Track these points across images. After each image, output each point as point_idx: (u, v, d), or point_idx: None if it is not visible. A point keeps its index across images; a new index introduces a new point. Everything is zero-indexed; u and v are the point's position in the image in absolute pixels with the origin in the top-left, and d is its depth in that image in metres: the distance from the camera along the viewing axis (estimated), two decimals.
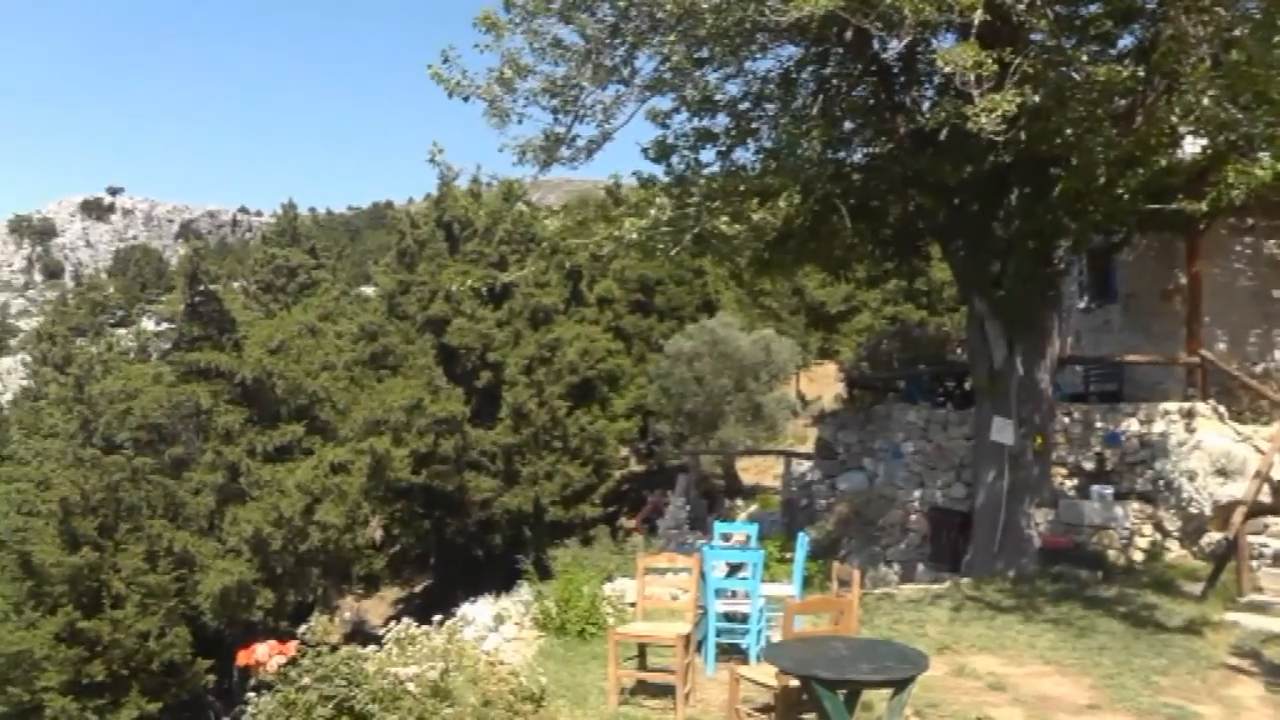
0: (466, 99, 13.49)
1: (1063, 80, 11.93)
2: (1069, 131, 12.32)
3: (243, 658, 6.26)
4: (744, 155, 14.88)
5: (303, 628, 6.60)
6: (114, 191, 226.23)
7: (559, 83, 13.69)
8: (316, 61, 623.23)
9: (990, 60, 10.51)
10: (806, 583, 11.31)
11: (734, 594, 10.30)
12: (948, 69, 10.74)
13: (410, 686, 6.63)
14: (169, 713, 29.33)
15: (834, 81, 14.98)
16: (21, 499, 30.48)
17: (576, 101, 13.88)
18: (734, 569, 10.86)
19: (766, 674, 7.24)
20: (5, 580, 29.39)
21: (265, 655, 6.19)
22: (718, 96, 14.22)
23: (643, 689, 8.93)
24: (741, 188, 13.65)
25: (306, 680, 6.08)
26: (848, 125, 14.86)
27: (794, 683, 6.70)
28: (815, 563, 13.87)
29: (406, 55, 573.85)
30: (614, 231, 13.39)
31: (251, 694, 6.32)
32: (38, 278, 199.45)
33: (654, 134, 14.87)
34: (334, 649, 6.55)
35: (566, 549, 23.87)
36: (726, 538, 12.42)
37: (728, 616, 10.01)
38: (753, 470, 37.13)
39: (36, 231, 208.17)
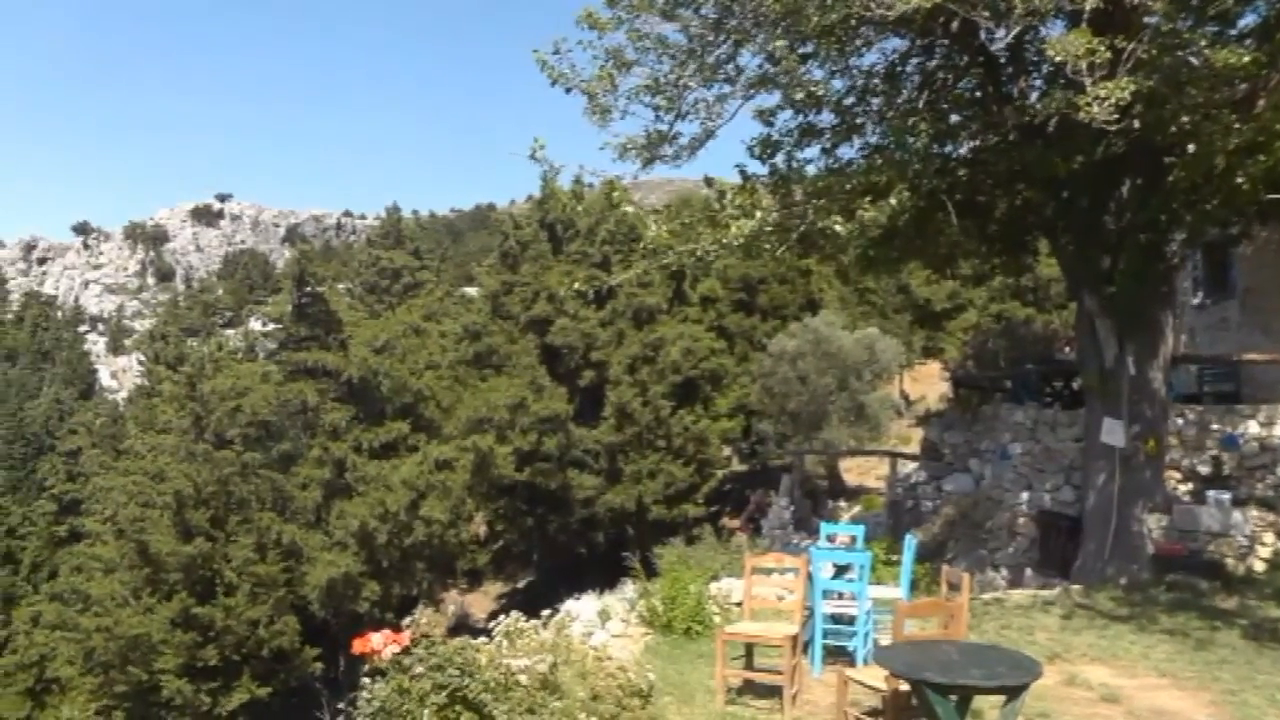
0: (569, 91, 13.49)
1: (1179, 65, 11.38)
2: (1185, 119, 11.86)
3: (358, 646, 6.35)
4: (848, 152, 14.72)
5: (407, 620, 6.68)
6: (222, 198, 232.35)
7: (662, 80, 13.65)
8: (418, 65, 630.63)
9: (1102, 47, 10.22)
10: (913, 586, 11.17)
11: (841, 596, 10.19)
12: (1058, 57, 10.49)
13: (521, 678, 6.67)
14: (277, 698, 30.06)
15: (940, 74, 14.73)
16: (138, 490, 31.38)
17: (679, 99, 13.82)
18: (840, 570, 10.74)
19: (875, 677, 7.17)
20: (124, 567, 30.51)
21: (380, 644, 6.28)
22: (822, 93, 14.03)
23: (749, 689, 8.87)
24: (847, 186, 13.49)
25: (420, 669, 6.15)
26: (954, 119, 14.53)
27: (904, 687, 6.62)
28: (922, 566, 13.69)
29: (508, 57, 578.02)
30: (720, 236, 13.30)
31: (366, 680, 6.42)
32: (150, 281, 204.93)
33: (757, 132, 14.78)
34: (444, 641, 6.62)
35: (671, 547, 23.79)
36: (832, 539, 12.31)
37: (834, 618, 9.91)
38: (856, 471, 36.82)
39: (149, 237, 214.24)
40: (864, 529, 12.22)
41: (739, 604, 11.32)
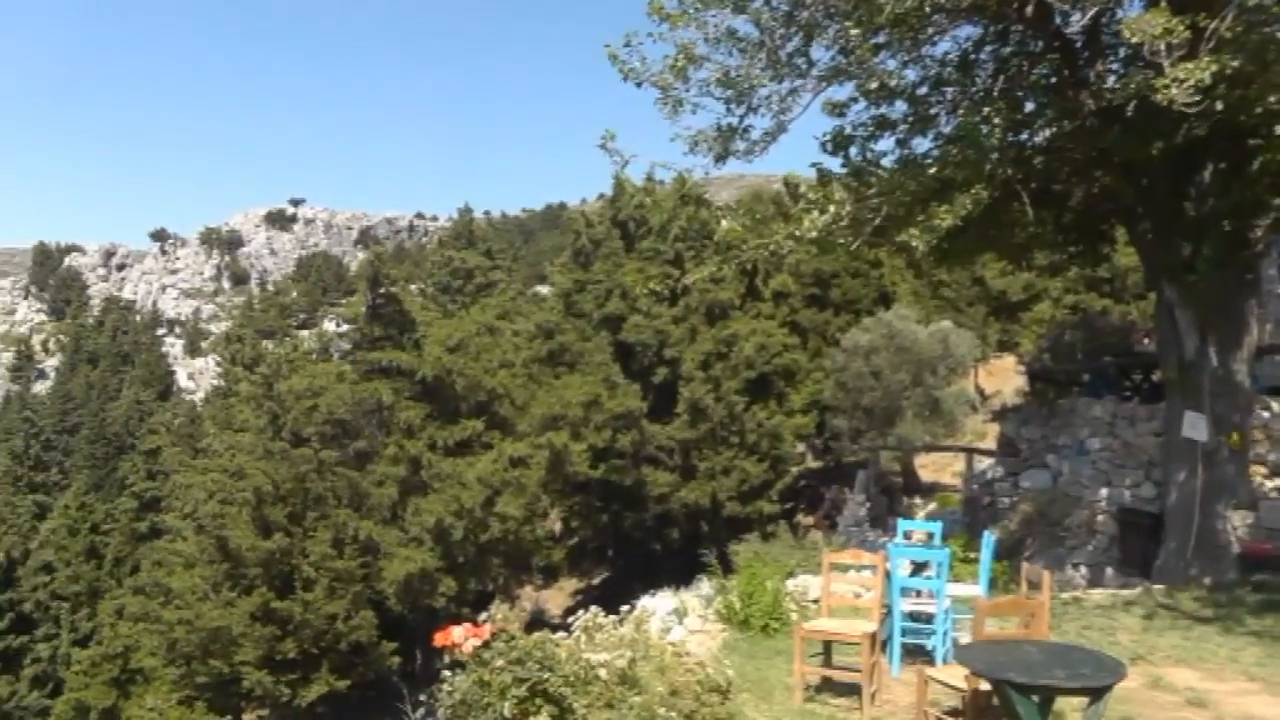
0: (640, 85, 13.48)
1: (1265, 42, 11.02)
2: (1272, 99, 11.43)
3: (439, 639, 6.42)
4: (922, 143, 14.55)
5: (483, 615, 6.73)
6: (296, 203, 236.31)
7: (732, 73, 13.58)
8: (488, 66, 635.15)
9: (1181, 26, 9.98)
10: (991, 584, 11.03)
11: (919, 593, 10.09)
12: (1135, 39, 10.25)
13: (600, 673, 6.70)
14: (355, 691, 30.53)
15: (1014, 60, 14.51)
16: (217, 488, 31.99)
17: (750, 92, 13.75)
18: (918, 568, 10.64)
19: (956, 676, 7.10)
20: (204, 562, 31.21)
21: (461, 637, 6.34)
22: (895, 83, 13.88)
23: (828, 686, 8.83)
24: (920, 180, 13.32)
25: (500, 662, 6.19)
26: (1029, 106, 14.29)
27: (985, 686, 6.55)
28: (1000, 563, 13.52)
29: (578, 56, 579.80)
30: (793, 230, 13.21)
31: (446, 673, 6.49)
32: (226, 285, 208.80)
33: (829, 127, 14.67)
34: (523, 635, 6.67)
35: (747, 544, 23.70)
36: (909, 536, 12.18)
37: (912, 616, 9.82)
38: (931, 467, 36.50)
39: (224, 242, 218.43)
40: (941, 526, 12.08)
41: (816, 601, 11.26)
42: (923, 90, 14.29)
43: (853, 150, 14.52)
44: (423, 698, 8.15)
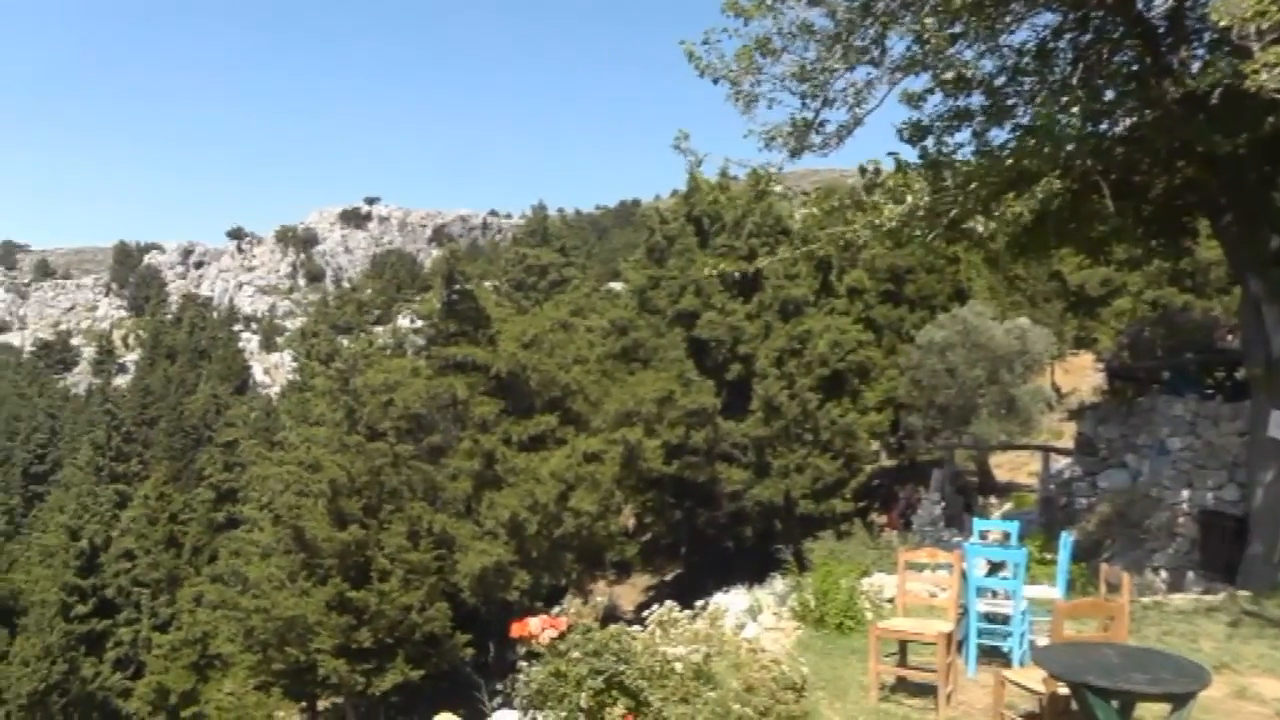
0: (716, 81, 13.44)
1: None
2: None
3: (516, 629, 6.47)
4: (999, 134, 14.33)
5: (556, 609, 6.78)
6: (370, 201, 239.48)
7: (808, 67, 13.49)
8: (562, 64, 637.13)
9: (1274, 7, 9.66)
10: (1069, 586, 10.80)
11: (995, 594, 9.96)
12: (1222, 22, 9.91)
13: (676, 667, 6.72)
14: (429, 681, 30.86)
15: (1094, 48, 14.18)
16: (294, 479, 32.42)
17: (826, 85, 13.64)
18: (994, 568, 10.50)
19: (1033, 678, 7.03)
20: (280, 552, 31.72)
21: (538, 628, 6.39)
22: (972, 73, 13.68)
23: (903, 686, 8.78)
24: (996, 173, 13.13)
25: (576, 654, 6.23)
26: (1109, 95, 13.92)
27: (1063, 690, 6.47)
28: (1077, 565, 13.31)
29: (651, 53, 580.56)
30: (872, 219, 13.10)
31: (523, 664, 6.54)
32: (301, 282, 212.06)
33: (905, 119, 14.53)
34: (600, 626, 6.71)
35: (822, 542, 23.56)
36: (985, 535, 12.04)
37: (988, 617, 9.69)
38: (1006, 466, 36.09)
39: (300, 240, 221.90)
40: (1018, 526, 11.92)
41: (891, 600, 11.20)
42: (1000, 81, 14.06)
43: (929, 142, 14.36)
44: (500, 687, 8.20)
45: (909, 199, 12.87)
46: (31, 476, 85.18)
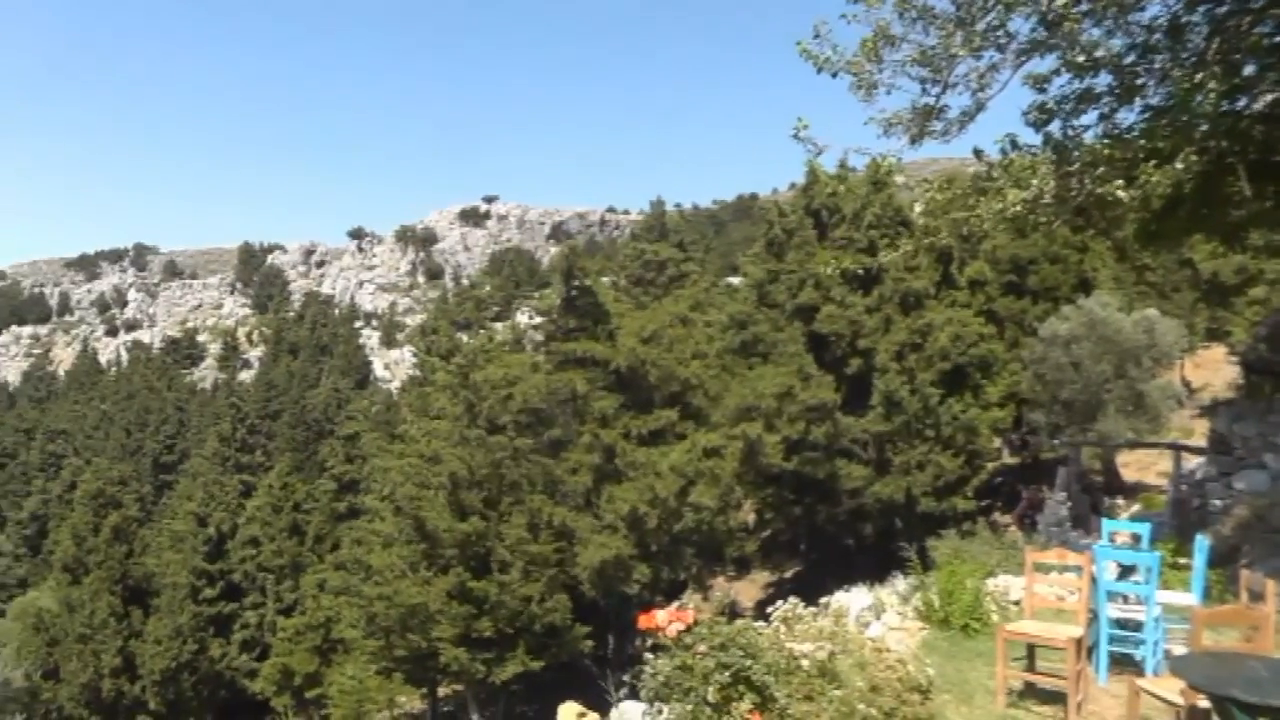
0: (835, 75, 13.28)
1: None
2: None
3: (643, 621, 6.51)
4: (1128, 116, 13.88)
5: (675, 604, 6.82)
6: (489, 200, 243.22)
7: (929, 52, 13.25)
8: (675, 59, 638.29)
9: None
10: (1205, 593, 10.51)
11: (1126, 599, 9.71)
12: None
13: (802, 663, 6.71)
14: (549, 672, 31.22)
15: (1231, 20, 13.68)
16: (415, 472, 32.99)
17: (947, 70, 13.39)
18: (1125, 572, 10.23)
19: (1170, 689, 6.83)
20: (402, 542, 32.32)
21: (664, 620, 6.42)
22: (1099, 53, 13.26)
23: (1031, 692, 8.62)
24: (1128, 153, 12.72)
25: (703, 647, 6.26)
26: (1248, 70, 13.41)
27: (1203, 703, 6.27)
28: (1214, 571, 12.92)
29: (765, 45, 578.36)
30: (995, 205, 12.82)
31: (648, 655, 6.59)
32: (420, 280, 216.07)
33: (1029, 103, 14.17)
34: (727, 620, 6.73)
35: (945, 540, 23.19)
36: (1114, 537, 11.73)
37: (1119, 623, 9.44)
38: (1133, 466, 35.17)
39: (419, 239, 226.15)
40: (1149, 528, 11.59)
41: (1017, 602, 11.01)
42: (1130, 60, 13.63)
43: (1055, 125, 13.99)
44: (626, 678, 8.25)
45: (1035, 183, 12.57)
46: (161, 466, 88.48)
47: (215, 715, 44.50)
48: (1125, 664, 9.23)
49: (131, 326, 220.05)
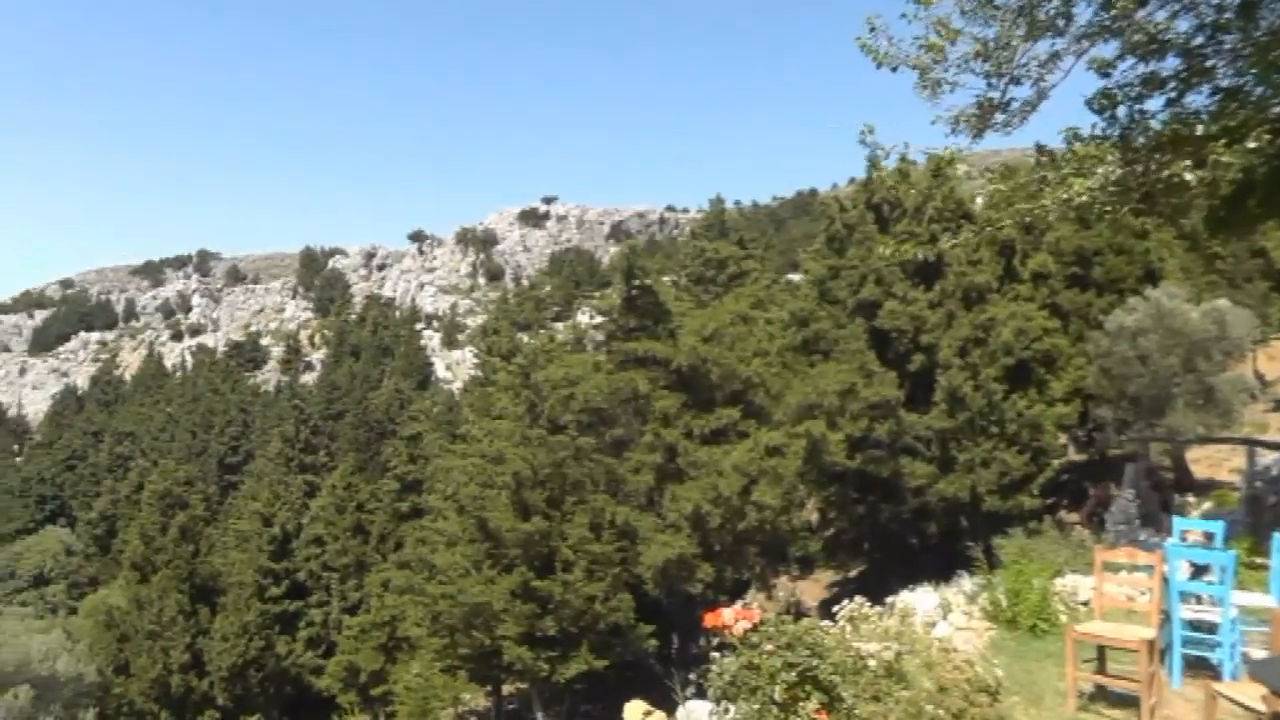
0: (895, 69, 13.13)
1: None
2: None
3: (709, 619, 6.51)
4: (1197, 99, 13.57)
5: (739, 604, 6.81)
6: (548, 200, 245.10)
7: (990, 45, 13.08)
8: (734, 56, 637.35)
9: None
10: None
11: (1200, 599, 9.50)
12: None
13: (870, 663, 6.67)
14: (612, 671, 31.30)
15: None
16: (477, 471, 33.21)
17: (1010, 62, 13.20)
18: (1197, 571, 10.01)
19: (1251, 694, 6.64)
20: (465, 541, 32.60)
21: (731, 619, 6.41)
22: (1165, 36, 12.98)
23: (1102, 695, 8.49)
24: (1197, 131, 12.41)
25: (769, 646, 6.23)
26: None
27: None
28: None
29: (823, 40, 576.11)
30: (1059, 194, 12.62)
31: (715, 654, 6.58)
32: (481, 281, 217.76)
33: (1092, 90, 13.93)
34: (793, 619, 6.70)
35: (1012, 539, 22.93)
36: (1185, 536, 11.48)
37: (1193, 624, 9.24)
38: (1204, 462, 34.59)
39: (479, 241, 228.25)
40: (1223, 526, 11.33)
41: (1086, 603, 10.86)
42: (1198, 41, 13.32)
43: (1120, 111, 13.74)
44: (692, 677, 8.25)
45: (1100, 170, 12.35)
46: (226, 466, 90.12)
47: (282, 711, 45.29)
48: (1200, 667, 9.06)
49: (196, 331, 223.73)
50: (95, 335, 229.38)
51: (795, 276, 63.34)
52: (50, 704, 35.32)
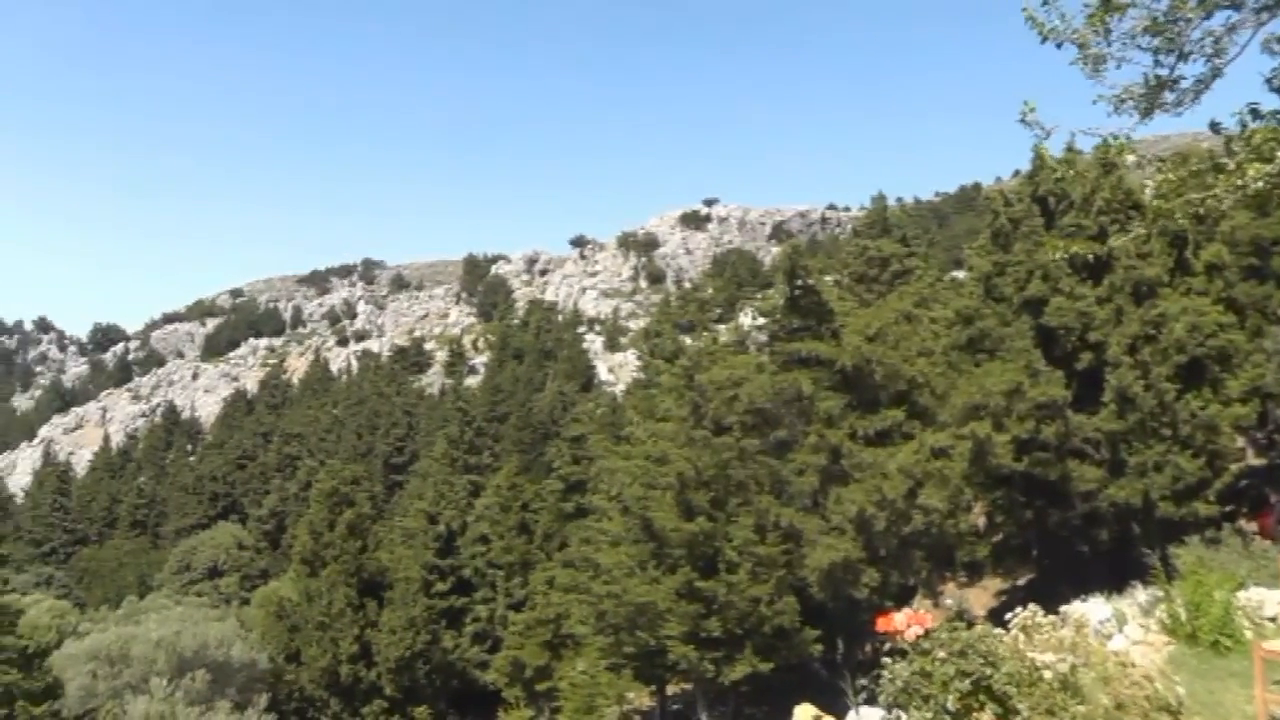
0: (1059, 45, 12.79)
1: None
2: None
3: (881, 624, 6.54)
4: None
5: (905, 610, 6.79)
6: (709, 203, 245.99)
7: (1160, 18, 12.60)
8: (890, 50, 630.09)
9: None
10: None
11: None
12: None
13: (1045, 675, 6.60)
14: (777, 674, 31.34)
15: None
16: (641, 472, 33.57)
17: (1181, 36, 12.71)
18: None
19: None
20: (629, 541, 33.02)
21: (903, 624, 6.42)
22: None
23: None
24: None
25: (942, 653, 6.22)
26: None
27: None
28: None
29: (985, 31, 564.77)
30: (1234, 181, 12.13)
31: (886, 660, 6.59)
32: (643, 284, 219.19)
33: (1269, 68, 13.34)
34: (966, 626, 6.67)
35: (1189, 549, 22.10)
36: None
37: None
38: None
39: (640, 244, 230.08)
40: None
41: (1273, 619, 10.49)
42: None
43: None
44: (863, 683, 8.27)
45: (1279, 155, 11.80)
46: (391, 466, 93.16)
47: (448, 703, 46.57)
48: None
49: (361, 337, 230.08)
50: (264, 341, 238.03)
51: (959, 274, 62.28)
52: (225, 688, 37.07)
